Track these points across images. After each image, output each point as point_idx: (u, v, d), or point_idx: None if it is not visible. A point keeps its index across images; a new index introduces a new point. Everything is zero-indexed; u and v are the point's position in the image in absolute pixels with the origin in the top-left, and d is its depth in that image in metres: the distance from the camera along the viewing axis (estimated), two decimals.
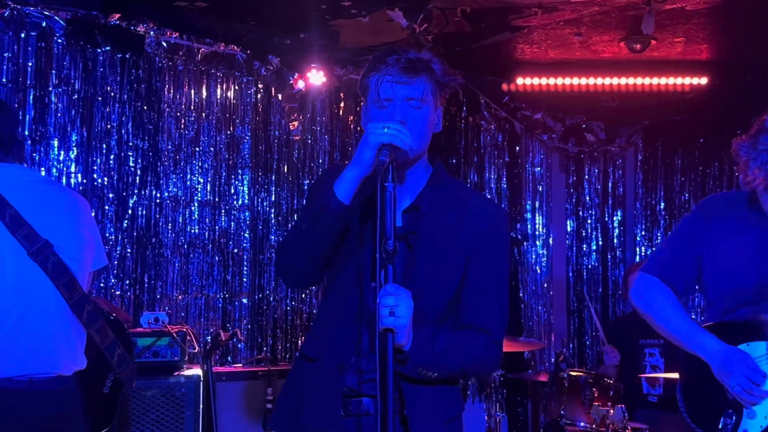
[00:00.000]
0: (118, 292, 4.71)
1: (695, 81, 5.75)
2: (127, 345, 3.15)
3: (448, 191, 2.22)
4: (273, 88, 5.31)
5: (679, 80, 5.75)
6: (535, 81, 5.85)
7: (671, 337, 2.74)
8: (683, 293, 2.79)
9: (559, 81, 5.84)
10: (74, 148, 4.60)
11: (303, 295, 5.39)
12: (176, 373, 4.19)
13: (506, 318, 2.24)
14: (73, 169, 4.59)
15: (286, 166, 5.39)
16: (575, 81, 5.83)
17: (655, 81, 5.78)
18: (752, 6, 4.44)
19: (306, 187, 5.39)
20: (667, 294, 2.75)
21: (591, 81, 5.82)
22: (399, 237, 2.08)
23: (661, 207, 6.61)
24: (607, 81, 5.81)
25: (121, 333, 3.11)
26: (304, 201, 5.23)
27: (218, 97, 5.14)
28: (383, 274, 1.93)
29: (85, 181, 4.61)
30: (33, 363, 2.57)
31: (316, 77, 5.18)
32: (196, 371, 4.22)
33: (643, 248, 6.72)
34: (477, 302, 2.16)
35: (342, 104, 5.62)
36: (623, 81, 5.80)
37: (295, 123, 5.38)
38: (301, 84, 5.22)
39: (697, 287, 2.84)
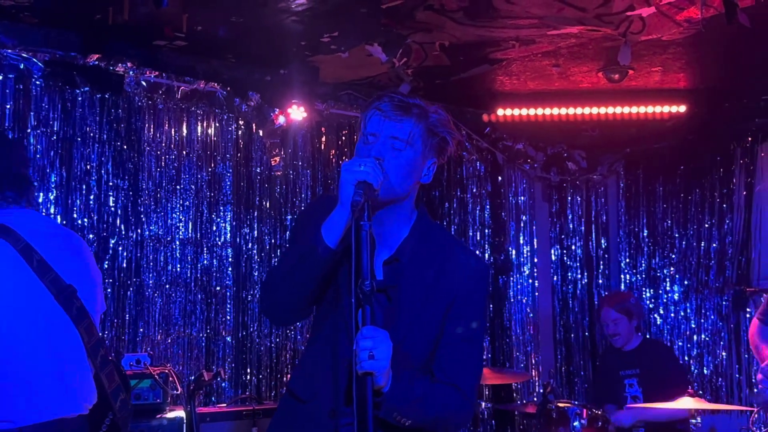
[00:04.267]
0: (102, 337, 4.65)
1: (674, 109, 5.80)
2: (127, 390, 3.18)
3: (431, 242, 2.18)
4: (254, 125, 5.31)
5: (657, 108, 5.81)
6: (516, 112, 5.89)
7: None
8: None
9: (540, 111, 5.88)
10: (53, 190, 4.57)
11: (288, 332, 5.34)
12: (159, 416, 4.12)
13: (479, 376, 2.22)
14: (52, 210, 4.55)
15: (268, 202, 5.37)
16: (555, 111, 5.87)
17: (634, 110, 5.83)
18: (727, 35, 4.49)
19: (289, 222, 5.37)
20: None
21: (571, 111, 5.86)
22: (379, 289, 2.05)
23: (644, 234, 6.63)
24: (587, 110, 5.86)
25: (123, 378, 3.12)
26: (289, 233, 5.22)
27: (199, 134, 5.13)
28: (360, 316, 1.91)
29: (65, 222, 4.56)
30: (63, 406, 2.60)
31: (296, 113, 5.18)
32: (179, 413, 4.15)
33: (627, 276, 6.73)
34: (451, 359, 2.12)
35: (323, 138, 5.62)
36: (602, 110, 5.85)
37: (277, 158, 5.37)
38: (281, 119, 5.22)
39: None
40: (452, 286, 2.13)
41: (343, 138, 5.68)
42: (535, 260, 6.59)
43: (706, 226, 6.18)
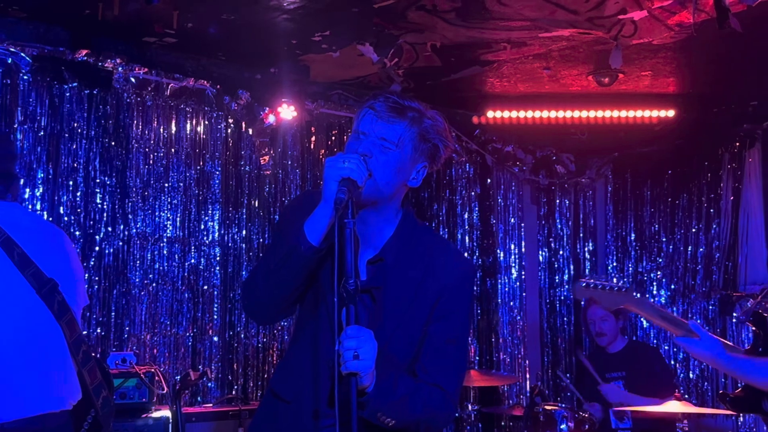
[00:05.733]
0: (84, 332, 4.60)
1: (662, 114, 5.82)
2: (110, 387, 3.17)
3: (416, 242, 2.15)
4: (243, 123, 5.28)
5: (646, 113, 5.82)
6: (506, 114, 5.89)
7: None
8: None
9: (529, 114, 5.88)
10: (40, 186, 4.52)
11: (275, 332, 5.31)
12: (144, 415, 4.09)
13: (463, 376, 2.20)
14: (38, 206, 4.50)
15: (257, 201, 5.34)
16: (545, 114, 5.88)
17: (623, 114, 5.84)
18: (717, 40, 4.51)
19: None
20: None
21: (560, 114, 5.87)
22: (363, 290, 2.03)
23: (632, 238, 6.65)
24: (576, 114, 5.86)
25: (106, 375, 3.11)
26: (274, 231, 5.19)
27: (187, 132, 5.10)
28: (344, 315, 1.88)
29: (51, 219, 4.52)
30: (46, 402, 2.58)
31: (286, 112, 5.16)
32: (165, 412, 4.12)
33: (614, 279, 6.74)
34: (434, 359, 2.10)
35: (313, 138, 5.60)
36: (592, 114, 5.86)
37: (266, 157, 5.34)
38: (271, 118, 5.20)
39: None
40: (438, 286, 2.10)
41: (333, 138, 5.66)
42: (523, 263, 6.59)
43: (694, 230, 6.21)
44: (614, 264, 6.76)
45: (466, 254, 6.00)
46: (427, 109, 2.12)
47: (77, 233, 4.61)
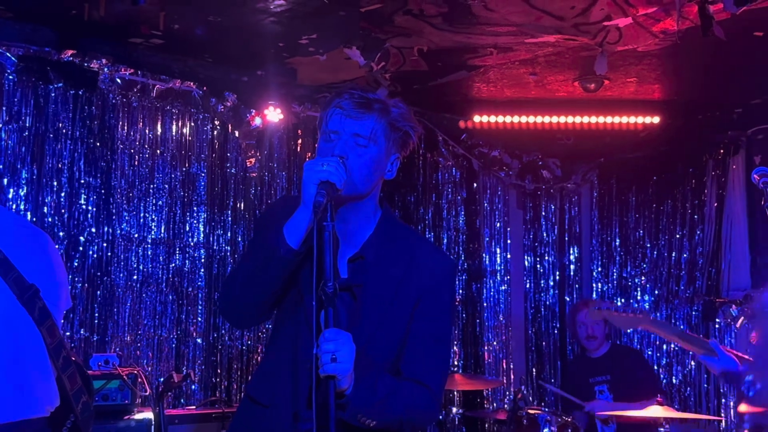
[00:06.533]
0: (67, 333, 4.58)
1: (648, 120, 5.86)
2: (90, 392, 3.14)
3: (396, 240, 2.15)
4: (230, 125, 5.28)
5: (632, 119, 5.86)
6: (492, 119, 5.91)
7: None
8: None
9: (516, 119, 5.91)
10: (24, 186, 4.50)
11: (260, 334, 5.31)
12: (126, 417, 4.07)
13: (446, 373, 2.19)
14: (22, 207, 4.48)
15: (242, 203, 5.33)
16: (531, 119, 5.90)
17: (608, 120, 5.87)
18: (702, 47, 4.54)
19: None
20: None
21: (546, 119, 5.90)
22: (344, 288, 2.03)
23: (617, 243, 6.68)
24: (562, 119, 5.89)
25: (86, 379, 3.08)
26: (253, 234, 5.18)
27: (173, 133, 5.08)
28: (323, 318, 1.88)
29: (35, 219, 4.50)
30: (22, 408, 2.53)
31: (273, 114, 5.16)
32: (148, 415, 4.10)
33: (599, 284, 6.78)
34: (418, 357, 2.10)
35: (300, 141, 5.60)
36: (578, 119, 5.88)
37: (252, 160, 5.34)
38: (258, 121, 5.20)
39: None
40: (419, 283, 2.10)
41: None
42: (509, 267, 6.61)
43: (678, 236, 6.25)
44: (599, 269, 6.79)
45: (451, 257, 6.00)
46: (390, 98, 2.13)
47: (61, 234, 4.59)
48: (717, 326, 5.91)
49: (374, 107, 2.06)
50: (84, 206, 4.70)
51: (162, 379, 4.42)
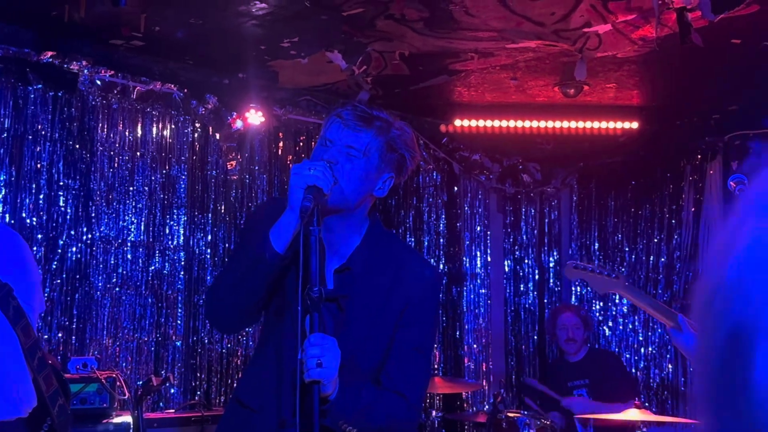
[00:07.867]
0: (45, 336, 4.55)
1: (627, 125, 5.90)
2: (66, 395, 3.12)
3: (383, 251, 2.15)
4: (210, 128, 5.26)
5: (611, 124, 5.90)
6: (473, 123, 5.93)
7: None
8: None
9: (496, 123, 5.93)
10: (2, 188, 4.46)
11: (240, 337, 5.29)
12: (105, 421, 4.05)
13: (426, 385, 2.21)
14: (0, 209, 4.44)
15: (223, 206, 5.32)
16: (512, 123, 5.93)
17: (588, 125, 5.92)
18: (680, 54, 4.59)
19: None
20: None
21: (527, 124, 5.93)
22: (330, 299, 2.03)
23: (596, 247, 6.73)
24: (543, 124, 5.93)
25: (62, 382, 3.06)
26: (238, 238, 5.17)
27: (154, 135, 5.06)
28: (308, 323, 1.89)
29: (13, 221, 4.46)
30: (2, 409, 2.52)
31: (254, 117, 5.15)
32: (126, 418, 4.09)
33: (578, 288, 6.82)
34: (399, 367, 2.11)
35: (280, 144, 5.59)
36: (558, 124, 5.92)
37: (233, 162, 5.33)
38: (239, 123, 5.18)
39: None
40: (405, 294, 2.11)
41: (301, 143, 5.66)
42: (489, 270, 6.64)
43: (656, 240, 6.30)
44: None
45: (432, 261, 6.02)
46: (396, 120, 2.13)
47: (39, 236, 4.56)
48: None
49: (374, 124, 2.06)
50: (63, 208, 4.67)
51: (141, 383, 4.39)
